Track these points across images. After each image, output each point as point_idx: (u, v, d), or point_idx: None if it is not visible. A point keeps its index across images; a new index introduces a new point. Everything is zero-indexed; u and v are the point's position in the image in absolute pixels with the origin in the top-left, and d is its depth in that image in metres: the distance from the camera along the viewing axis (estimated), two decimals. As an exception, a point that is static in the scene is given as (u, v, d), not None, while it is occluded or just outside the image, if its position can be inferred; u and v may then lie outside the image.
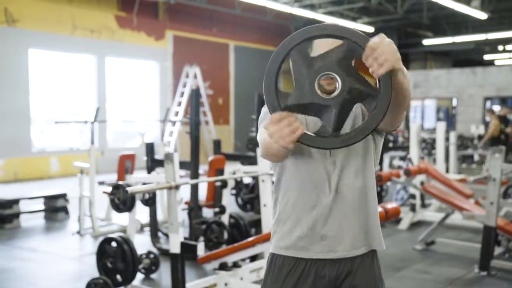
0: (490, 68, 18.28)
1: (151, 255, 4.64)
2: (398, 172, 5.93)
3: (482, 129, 16.03)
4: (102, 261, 4.06)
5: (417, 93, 19.18)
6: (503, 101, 21.78)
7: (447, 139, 9.52)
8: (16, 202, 6.67)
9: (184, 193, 4.71)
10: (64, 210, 7.12)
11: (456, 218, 6.03)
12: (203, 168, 6.76)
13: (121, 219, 6.69)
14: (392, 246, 5.58)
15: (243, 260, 4.53)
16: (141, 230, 6.21)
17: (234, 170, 5.94)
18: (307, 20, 15.44)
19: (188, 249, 3.62)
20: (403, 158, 9.96)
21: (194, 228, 5.15)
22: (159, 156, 6.66)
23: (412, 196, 6.70)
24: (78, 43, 12.13)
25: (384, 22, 17.76)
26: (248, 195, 6.96)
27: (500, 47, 20.30)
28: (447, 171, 9.31)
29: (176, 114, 13.96)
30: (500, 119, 11.37)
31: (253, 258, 4.65)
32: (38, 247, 5.72)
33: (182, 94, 14.18)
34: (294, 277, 1.77)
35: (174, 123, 13.55)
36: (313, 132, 1.38)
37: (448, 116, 21.28)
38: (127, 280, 3.94)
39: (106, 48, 12.71)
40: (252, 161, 6.38)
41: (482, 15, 14.55)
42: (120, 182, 4.03)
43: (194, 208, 5.22)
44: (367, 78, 1.43)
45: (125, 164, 6.52)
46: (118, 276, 3.99)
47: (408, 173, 5.72)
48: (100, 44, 12.58)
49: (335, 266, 1.75)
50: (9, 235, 6.21)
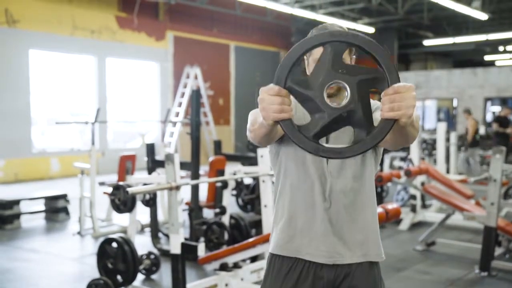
0: (490, 69, 18.27)
1: (152, 256, 4.64)
2: (399, 173, 5.93)
3: (482, 129, 16.03)
4: (102, 261, 4.06)
5: (417, 93, 19.03)
6: (503, 101, 21.77)
7: (448, 139, 9.52)
8: (16, 203, 6.67)
9: (185, 193, 4.72)
10: (65, 210, 7.12)
11: (457, 219, 6.03)
12: (203, 168, 6.76)
13: (121, 219, 6.69)
14: (392, 247, 5.58)
15: (244, 260, 4.53)
16: (141, 230, 6.21)
17: (234, 171, 5.93)
18: (308, 20, 15.45)
19: (188, 249, 3.63)
20: (403, 159, 9.96)
21: (194, 228, 5.15)
22: (159, 156, 6.66)
23: (413, 197, 6.70)
24: (78, 43, 12.13)
25: (384, 22, 17.77)
26: (249, 195, 6.96)
27: (500, 48, 20.29)
28: (448, 171, 9.31)
29: (177, 114, 13.97)
30: (501, 120, 11.36)
31: (253, 259, 4.65)
32: (39, 248, 5.72)
33: (182, 95, 14.19)
34: (293, 277, 1.77)
35: (174, 123, 13.55)
36: (297, 124, 1.32)
37: (449, 117, 21.27)
38: (128, 280, 3.94)
39: (106, 48, 12.72)
40: (252, 161, 6.38)
41: (483, 16, 14.55)
42: (121, 183, 4.03)
43: (194, 208, 5.22)
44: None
45: (125, 164, 6.52)
46: (119, 277, 3.99)
47: (408, 173, 5.71)
48: (101, 44, 12.58)
49: (332, 268, 1.76)
50: (9, 236, 6.21)
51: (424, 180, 6.35)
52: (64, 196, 7.14)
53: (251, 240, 4.46)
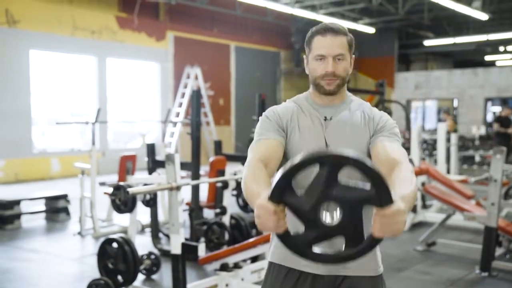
0: (491, 69, 18.27)
1: (152, 256, 4.64)
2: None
3: (483, 130, 16.03)
4: (103, 262, 4.06)
5: (418, 94, 19.19)
6: (504, 102, 21.77)
7: (448, 140, 9.52)
8: (17, 203, 6.67)
9: (185, 194, 4.72)
10: (65, 211, 7.12)
11: (457, 219, 6.03)
12: (204, 169, 6.76)
13: (122, 220, 6.69)
14: (393, 247, 5.57)
15: (244, 261, 4.53)
16: (142, 231, 6.21)
17: (235, 171, 5.95)
18: (308, 20, 15.45)
19: (189, 250, 3.63)
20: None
21: (195, 229, 5.15)
22: (160, 157, 6.66)
23: (413, 197, 6.68)
24: (79, 44, 12.14)
25: (385, 23, 17.77)
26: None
27: (501, 48, 20.29)
28: (448, 172, 9.31)
29: (177, 115, 13.97)
30: (502, 120, 11.36)
31: (254, 259, 4.65)
32: (39, 248, 5.72)
33: (183, 95, 14.19)
34: (293, 278, 1.78)
35: (175, 124, 13.56)
36: (292, 233, 1.37)
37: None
38: (128, 281, 3.94)
39: (107, 49, 12.72)
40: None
41: (483, 16, 14.55)
42: (121, 183, 4.03)
43: (195, 209, 5.22)
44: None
45: (126, 165, 6.52)
46: (119, 277, 3.99)
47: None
48: (101, 45, 12.59)
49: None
50: (10, 236, 6.21)
51: (424, 181, 6.34)
52: (64, 196, 7.14)
53: (251, 240, 4.46)
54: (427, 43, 19.31)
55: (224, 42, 15.89)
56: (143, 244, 5.52)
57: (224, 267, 4.25)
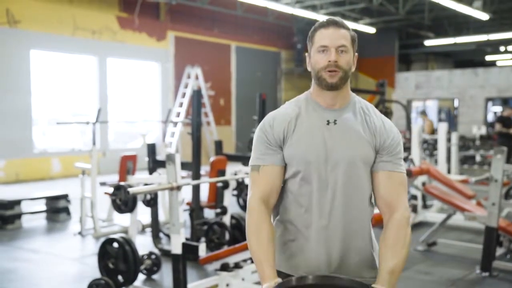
0: (491, 69, 18.25)
1: (153, 256, 4.64)
2: (400, 173, 5.90)
3: (484, 130, 16.02)
4: (103, 262, 4.07)
5: (418, 94, 19.18)
6: (504, 102, 21.75)
7: (449, 140, 9.52)
8: (17, 203, 6.67)
9: (186, 194, 4.72)
10: (66, 211, 7.12)
11: (458, 219, 6.02)
12: (204, 169, 6.76)
13: (122, 220, 6.70)
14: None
15: (245, 261, 4.52)
16: (142, 231, 6.21)
17: (235, 171, 5.95)
18: (309, 21, 15.45)
19: (189, 250, 3.63)
20: (404, 159, 9.95)
21: (195, 229, 5.15)
22: (160, 157, 6.66)
23: (414, 197, 6.70)
24: (79, 44, 12.14)
25: (385, 23, 17.77)
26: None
27: (501, 48, 20.28)
28: (449, 172, 9.31)
29: (178, 115, 13.97)
30: (504, 120, 11.34)
31: (254, 259, 4.64)
32: (40, 248, 5.72)
33: (183, 95, 14.19)
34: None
35: (175, 124, 13.56)
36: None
37: (450, 117, 21.27)
38: (129, 281, 3.94)
39: (107, 49, 12.73)
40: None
41: (484, 16, 14.54)
42: (122, 183, 4.04)
43: (195, 209, 5.22)
44: None
45: (126, 165, 6.51)
46: (120, 277, 3.99)
47: (409, 174, 5.70)
48: (102, 45, 12.59)
49: None
50: (10, 236, 6.21)
51: (425, 180, 6.35)
52: (65, 196, 7.14)
53: (252, 240, 4.44)
54: (428, 43, 19.30)
55: (224, 42, 15.89)
56: (143, 244, 5.52)
57: (225, 267, 4.25)
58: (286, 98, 15.35)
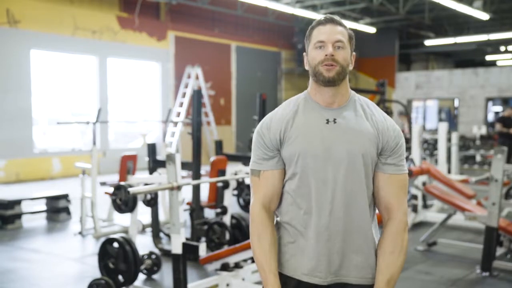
0: (492, 69, 18.25)
1: (153, 256, 4.64)
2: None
3: (484, 130, 16.02)
4: (104, 261, 4.07)
5: (419, 94, 19.18)
6: (505, 101, 21.75)
7: (449, 140, 9.52)
8: (18, 202, 6.68)
9: (186, 193, 4.72)
10: (66, 211, 7.12)
11: (458, 219, 6.03)
12: (204, 168, 6.76)
13: (123, 219, 6.70)
14: (394, 247, 5.56)
15: (245, 260, 4.52)
16: (142, 230, 6.21)
17: (235, 171, 5.94)
18: (309, 20, 15.44)
19: (190, 249, 3.63)
20: (405, 159, 9.93)
21: (195, 228, 5.16)
22: (161, 156, 6.66)
23: (414, 197, 6.69)
24: (79, 43, 12.14)
25: (386, 22, 17.77)
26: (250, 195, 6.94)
27: (502, 48, 20.28)
28: (449, 171, 9.31)
29: (178, 114, 13.97)
30: (504, 120, 11.35)
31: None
32: (40, 248, 5.72)
33: (184, 95, 14.19)
34: (291, 286, 1.78)
35: (176, 123, 13.55)
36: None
37: (450, 117, 21.27)
38: (129, 280, 3.94)
39: (107, 48, 12.73)
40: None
41: (484, 16, 14.54)
42: (122, 183, 4.03)
43: (195, 208, 5.22)
44: None
45: (127, 164, 6.51)
46: (120, 277, 3.99)
47: (410, 173, 5.71)
48: (102, 44, 12.59)
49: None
50: (11, 236, 6.22)
51: (425, 180, 6.35)
52: (65, 196, 7.14)
53: (252, 240, 4.45)
54: (428, 43, 19.29)
55: (225, 42, 15.89)
56: (144, 244, 5.52)
57: (225, 267, 4.25)
58: (287, 98, 15.33)
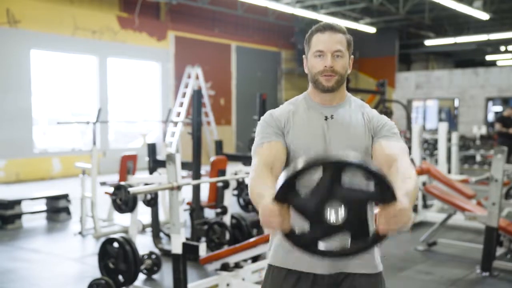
0: (492, 69, 18.25)
1: (153, 256, 4.64)
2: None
3: (484, 129, 16.02)
4: (104, 261, 4.07)
5: (419, 94, 19.18)
6: (505, 101, 21.75)
7: (449, 139, 9.52)
8: (18, 202, 6.67)
9: (186, 193, 4.71)
10: (66, 210, 7.12)
11: (458, 219, 6.02)
12: (205, 168, 6.75)
13: (123, 219, 6.70)
14: (394, 247, 5.57)
15: (245, 260, 4.53)
16: (143, 230, 6.21)
17: (236, 171, 5.94)
18: (309, 20, 15.45)
19: (190, 249, 3.63)
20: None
21: (196, 228, 5.16)
22: (161, 156, 6.66)
23: (414, 197, 6.68)
24: (80, 43, 12.14)
25: (386, 22, 17.76)
26: (250, 195, 6.93)
27: (502, 48, 20.28)
28: (449, 171, 9.31)
29: (178, 114, 13.97)
30: (504, 120, 11.34)
31: (255, 259, 4.65)
32: (40, 248, 5.72)
33: (184, 95, 14.19)
34: (292, 279, 1.78)
35: (176, 123, 13.56)
36: (298, 231, 1.39)
37: (450, 117, 21.27)
38: (129, 280, 3.94)
39: (107, 48, 12.73)
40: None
41: (484, 16, 14.53)
42: (122, 183, 4.03)
43: (196, 208, 5.22)
44: None
45: (127, 164, 6.52)
46: (120, 277, 3.99)
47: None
48: (102, 44, 12.59)
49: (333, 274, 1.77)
50: (11, 236, 6.21)
51: (425, 180, 6.35)
52: (65, 196, 7.14)
53: (252, 240, 4.45)
54: (428, 43, 19.29)
55: (225, 42, 15.89)
56: (144, 244, 5.52)
57: (225, 267, 4.25)
58: (287, 98, 15.35)
